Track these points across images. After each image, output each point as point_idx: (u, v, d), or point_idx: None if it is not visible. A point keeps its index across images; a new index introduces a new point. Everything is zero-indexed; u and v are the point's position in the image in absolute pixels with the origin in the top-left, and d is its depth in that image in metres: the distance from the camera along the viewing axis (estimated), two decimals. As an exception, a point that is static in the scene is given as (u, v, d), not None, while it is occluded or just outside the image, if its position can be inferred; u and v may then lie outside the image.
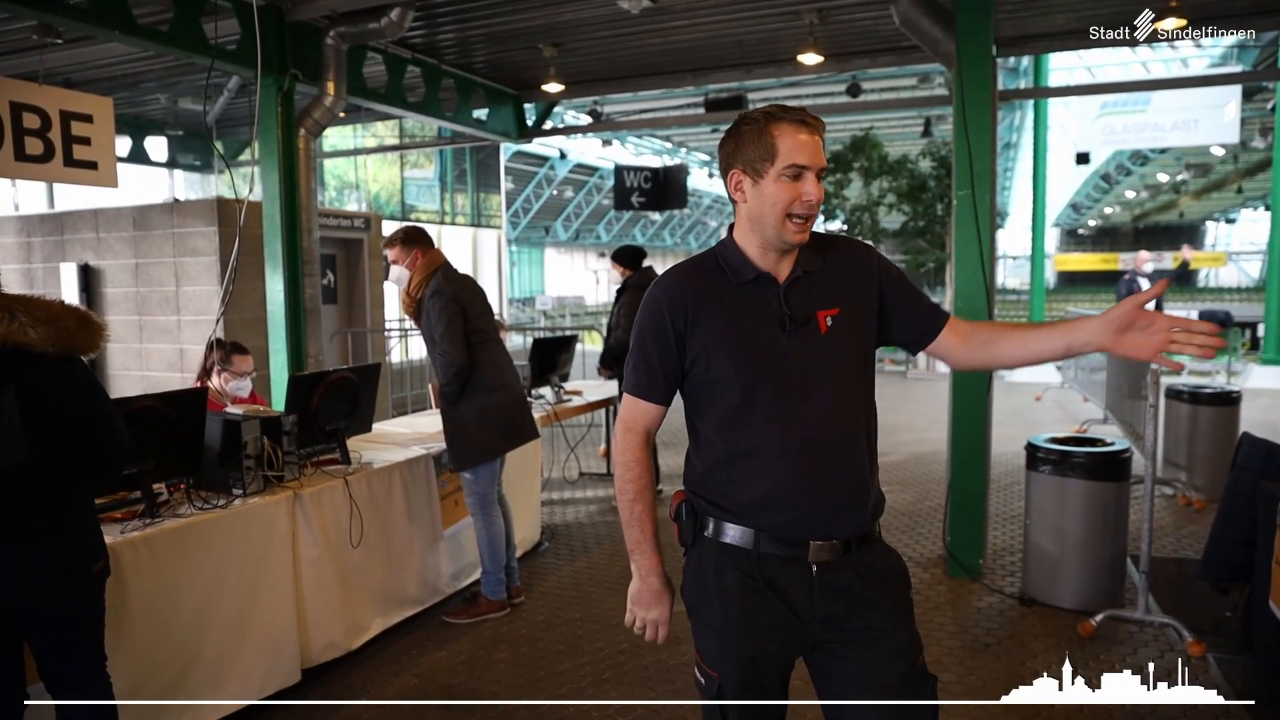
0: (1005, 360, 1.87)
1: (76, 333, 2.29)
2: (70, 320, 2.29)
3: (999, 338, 1.87)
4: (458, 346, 3.93)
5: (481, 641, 4.04)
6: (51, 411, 2.27)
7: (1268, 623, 3.27)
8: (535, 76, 8.70)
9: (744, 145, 1.76)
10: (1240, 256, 39.61)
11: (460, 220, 18.68)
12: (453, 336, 3.93)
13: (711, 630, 1.85)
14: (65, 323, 2.27)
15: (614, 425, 2.07)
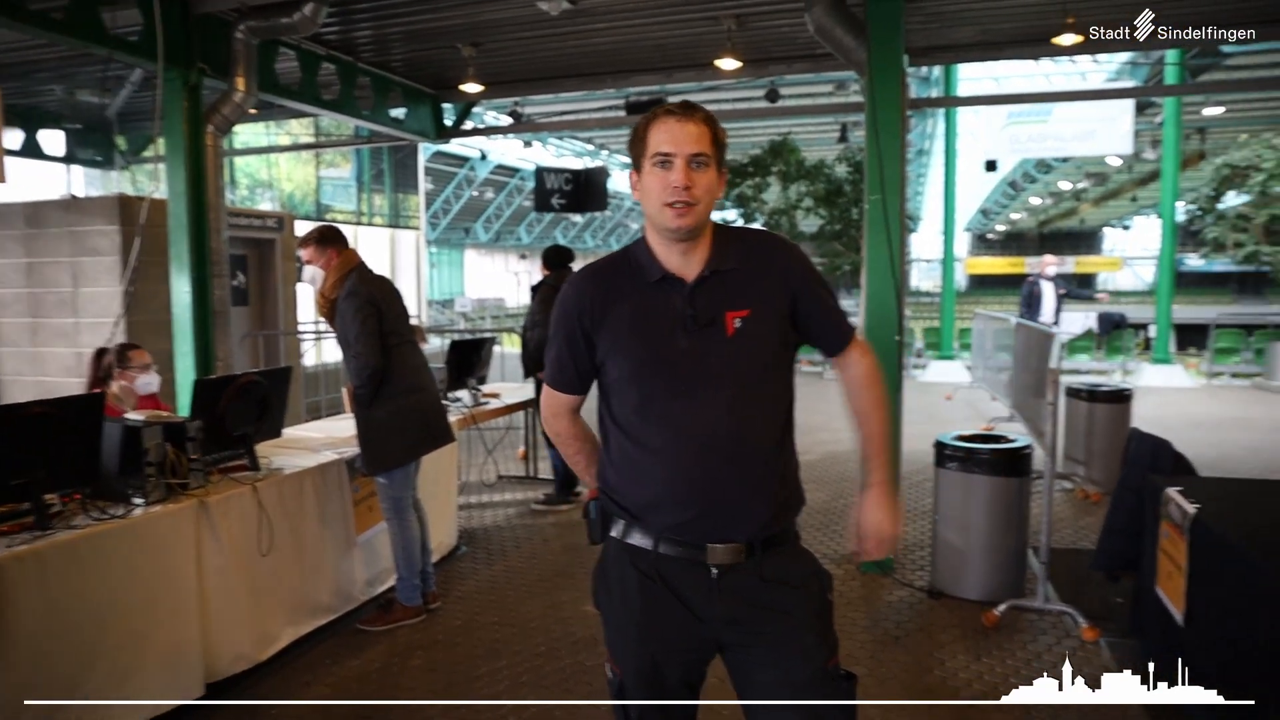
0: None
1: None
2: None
3: (851, 401, 1.96)
4: (372, 349, 3.86)
5: (397, 648, 3.97)
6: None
7: (1153, 607, 3.44)
8: (454, 76, 8.61)
9: (633, 144, 1.80)
10: (1135, 261, 41.55)
11: (378, 221, 18.36)
12: (367, 338, 3.86)
13: (615, 628, 1.88)
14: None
15: (539, 419, 2.10)
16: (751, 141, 21.06)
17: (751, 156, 16.38)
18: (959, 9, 7.06)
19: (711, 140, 1.75)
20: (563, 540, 5.49)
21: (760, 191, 16.36)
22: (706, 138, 1.74)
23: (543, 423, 2.07)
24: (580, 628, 4.08)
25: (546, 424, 2.04)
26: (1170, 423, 9.08)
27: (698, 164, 1.73)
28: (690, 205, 1.73)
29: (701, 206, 1.75)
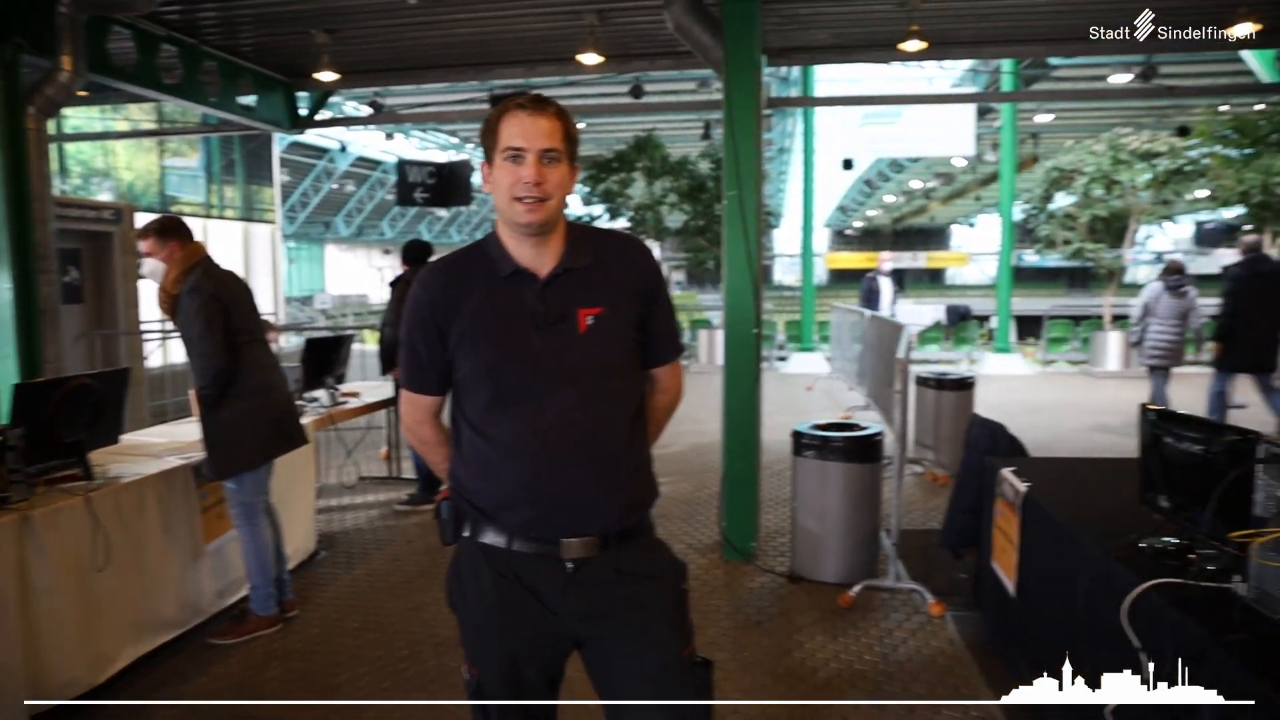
0: None
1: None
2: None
3: (650, 413, 1.97)
4: (217, 347, 3.67)
5: (252, 661, 3.80)
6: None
7: (990, 581, 3.68)
8: (308, 64, 8.27)
9: (484, 137, 1.77)
10: (980, 256, 44.15)
11: (229, 214, 17.47)
12: (211, 337, 3.66)
13: (471, 628, 1.86)
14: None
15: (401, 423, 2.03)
16: (616, 137, 21.17)
17: (616, 152, 16.47)
18: (813, 12, 7.32)
19: (563, 135, 1.74)
20: (426, 540, 5.38)
21: (625, 187, 16.47)
22: (558, 133, 1.73)
23: (404, 431, 2.01)
24: (444, 628, 4.01)
25: (408, 431, 1.98)
26: (1009, 408, 9.70)
27: (549, 159, 1.72)
28: (541, 201, 1.72)
29: (553, 202, 1.74)
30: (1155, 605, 2.14)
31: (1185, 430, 2.43)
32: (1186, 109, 19.43)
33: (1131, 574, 2.30)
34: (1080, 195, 14.35)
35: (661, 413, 2.02)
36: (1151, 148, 13.86)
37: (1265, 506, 1.94)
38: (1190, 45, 8.34)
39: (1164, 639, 2.06)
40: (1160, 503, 2.57)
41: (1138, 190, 14.03)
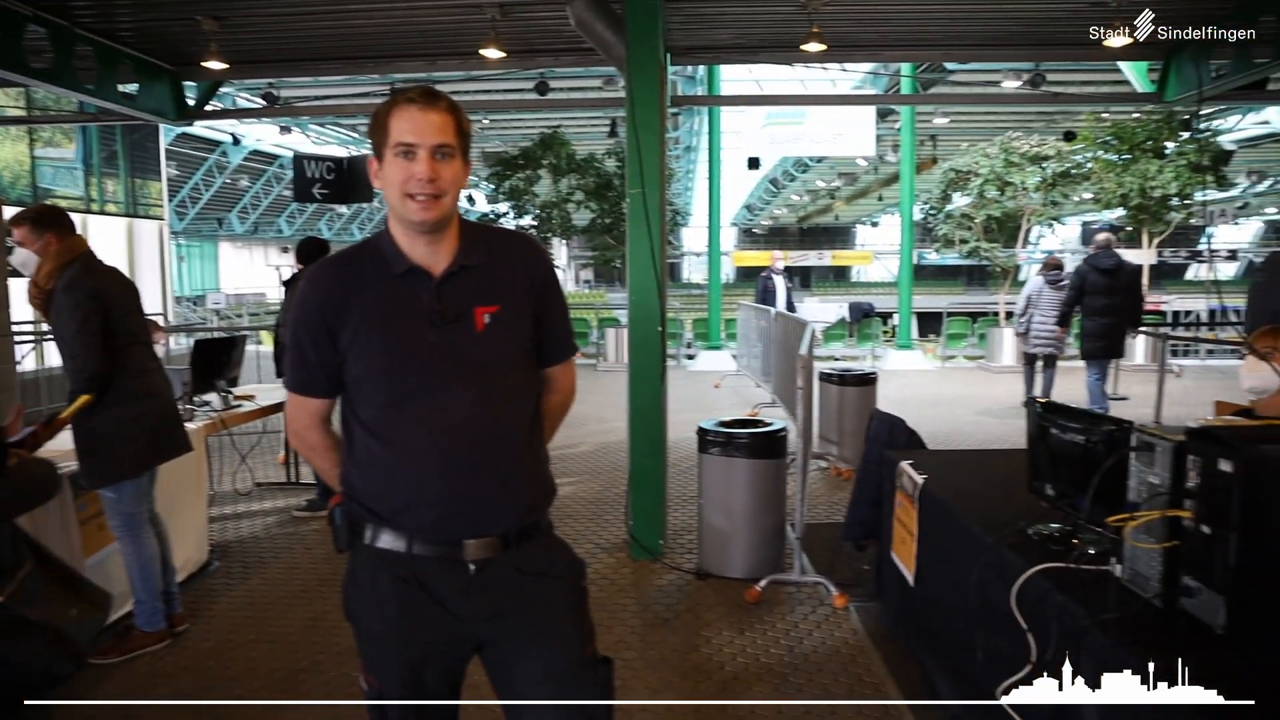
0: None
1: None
2: None
3: (545, 412, 1.93)
4: (92, 350, 3.45)
5: (136, 680, 3.60)
6: None
7: (891, 571, 3.77)
8: (195, 52, 7.94)
9: (373, 131, 1.72)
10: (883, 255, 45.47)
11: (112, 209, 16.62)
12: (86, 339, 3.45)
13: (370, 638, 1.81)
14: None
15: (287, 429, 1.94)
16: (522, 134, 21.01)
17: (522, 149, 16.34)
18: (716, 12, 7.39)
19: (456, 130, 1.69)
20: (326, 547, 5.21)
21: (531, 184, 16.36)
22: (451, 127, 1.68)
23: (290, 436, 1.94)
24: (346, 638, 3.83)
25: (295, 437, 1.91)
26: (910, 402, 10.02)
27: (442, 154, 1.67)
28: (436, 198, 1.67)
29: (447, 199, 1.70)
30: (1041, 589, 2.22)
31: (1067, 421, 2.52)
32: (1072, 115, 20.43)
33: (1019, 560, 2.38)
34: (975, 196, 14.91)
35: (555, 412, 1.99)
36: (1041, 151, 14.50)
37: (1138, 492, 2.03)
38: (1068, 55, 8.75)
39: (1049, 620, 2.14)
40: (1046, 491, 2.66)
41: (1029, 191, 14.66)
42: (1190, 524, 1.83)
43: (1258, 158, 31.10)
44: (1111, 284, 7.96)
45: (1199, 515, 1.81)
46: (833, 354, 15.79)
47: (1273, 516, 1.71)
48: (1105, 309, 7.98)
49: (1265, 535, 1.71)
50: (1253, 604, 1.73)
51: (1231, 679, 1.57)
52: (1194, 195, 14.13)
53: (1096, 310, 8.00)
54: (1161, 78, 9.53)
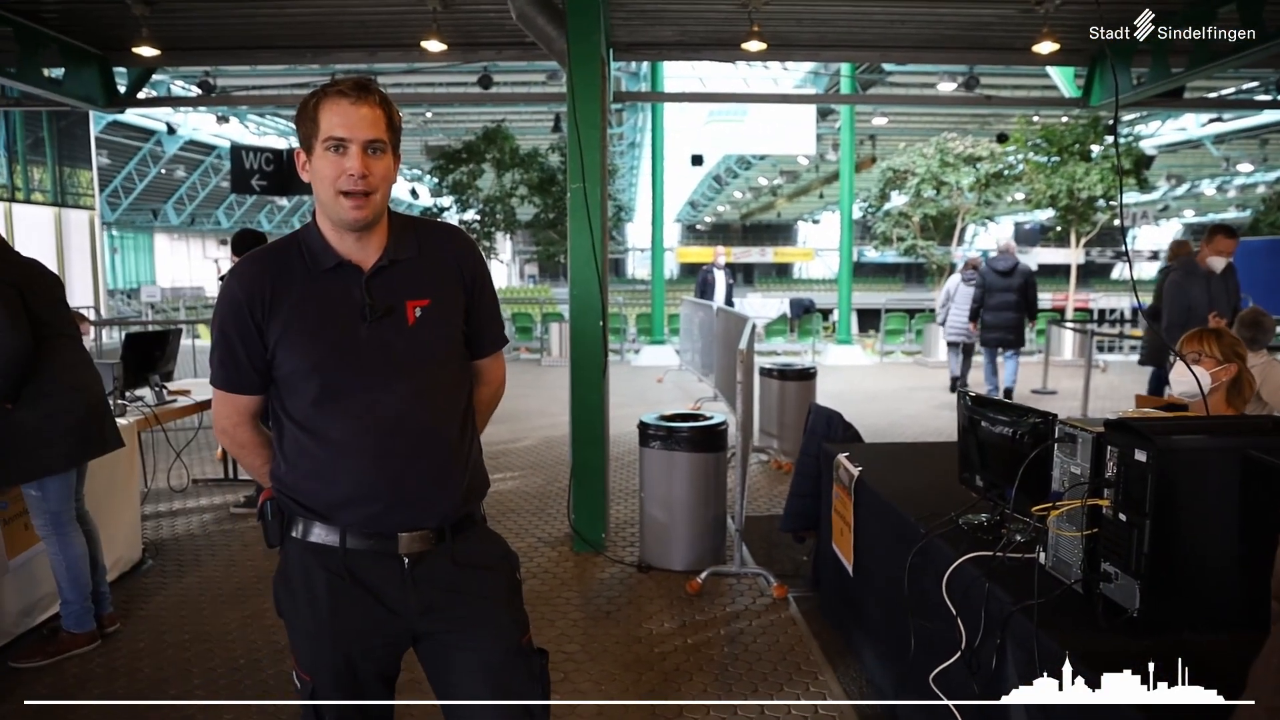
0: None
1: None
2: None
3: (476, 404, 1.94)
4: (17, 332, 3.32)
5: (64, 683, 3.50)
6: None
7: (829, 561, 3.85)
8: (125, 37, 7.70)
9: (301, 123, 1.69)
10: (824, 252, 46.07)
11: (39, 198, 16.05)
12: (14, 320, 3.32)
13: (302, 634, 1.80)
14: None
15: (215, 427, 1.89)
16: (465, 127, 20.81)
17: (465, 143, 16.19)
18: (658, 8, 7.43)
19: (387, 124, 1.68)
20: (264, 544, 5.12)
21: (475, 179, 16.23)
22: (382, 121, 1.66)
23: (217, 434, 1.89)
24: (283, 634, 3.81)
25: (223, 435, 1.86)
26: (848, 396, 10.21)
27: (374, 150, 1.66)
28: (368, 194, 1.66)
29: (379, 195, 1.68)
30: (970, 576, 2.30)
31: (995, 414, 2.61)
32: (1005, 118, 20.96)
33: (950, 549, 2.46)
34: (912, 195, 15.23)
35: (486, 405, 2.00)
36: (975, 152, 14.88)
37: (1061, 481, 2.12)
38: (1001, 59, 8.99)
39: (977, 607, 2.22)
40: (976, 481, 2.75)
41: (963, 191, 15.03)
42: (1109, 512, 1.92)
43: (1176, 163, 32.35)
44: (1007, 283, 9.36)
45: (1116, 504, 1.89)
46: (774, 349, 15.98)
47: (1183, 504, 1.80)
48: (1000, 304, 9.40)
49: (1176, 522, 1.80)
50: (1165, 587, 1.82)
51: (1141, 659, 1.65)
52: (1118, 197, 14.64)
53: (993, 305, 9.44)
54: (1087, 84, 9.86)
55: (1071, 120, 14.76)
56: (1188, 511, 1.81)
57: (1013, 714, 1.97)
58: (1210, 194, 37.38)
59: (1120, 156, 9.31)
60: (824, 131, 20.59)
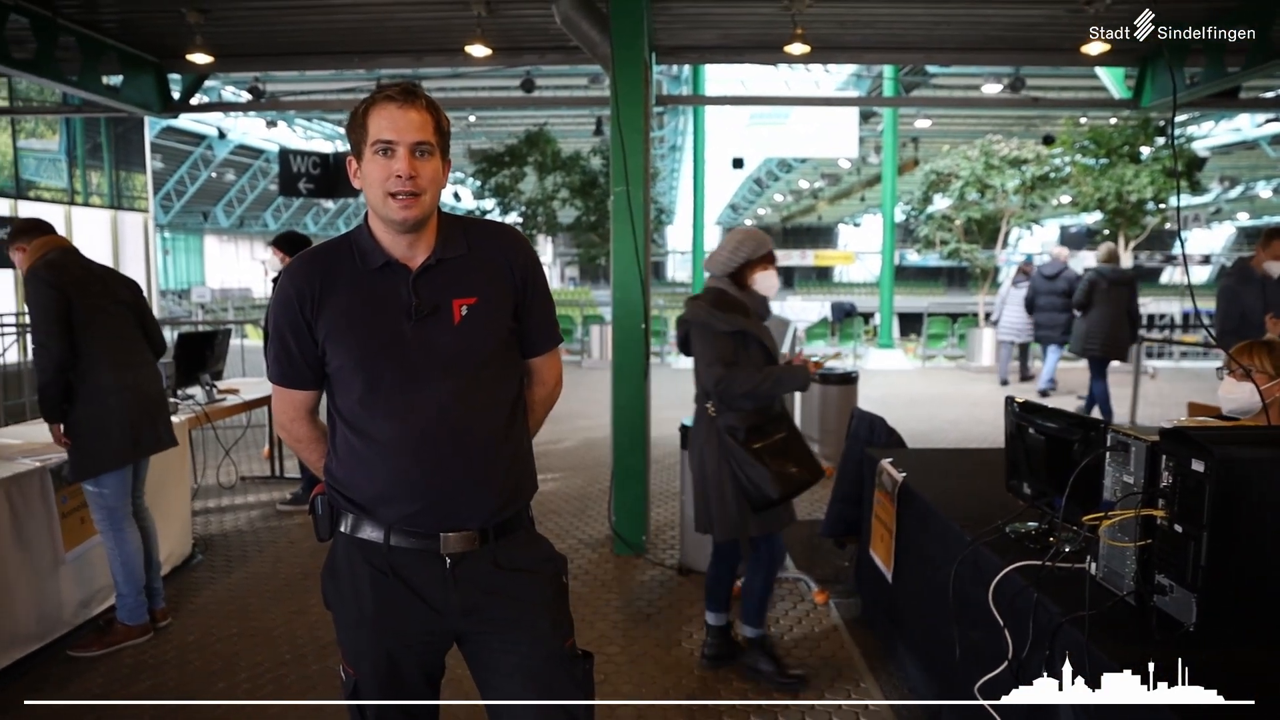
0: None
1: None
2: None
3: (530, 406, 1.96)
4: (55, 340, 3.46)
5: (118, 674, 3.60)
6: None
7: (869, 567, 3.82)
8: (180, 44, 7.89)
9: (351, 129, 1.72)
10: (865, 255, 45.66)
11: (96, 201, 16.44)
12: (48, 328, 3.46)
13: (348, 627, 1.82)
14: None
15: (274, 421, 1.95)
16: (508, 131, 20.96)
17: (507, 146, 16.31)
18: (701, 12, 7.42)
19: (435, 128, 1.70)
20: (311, 541, 5.21)
21: (517, 182, 16.33)
22: (430, 125, 1.69)
23: (277, 428, 1.94)
24: (329, 630, 3.84)
25: (282, 429, 1.92)
26: (889, 401, 10.09)
27: (421, 152, 1.68)
28: (415, 195, 1.68)
29: (427, 197, 1.70)
30: (1017, 586, 2.27)
31: (1044, 421, 2.57)
32: (1051, 120, 20.62)
33: (996, 557, 2.43)
34: (956, 198, 15.01)
35: (540, 404, 2.00)
36: (1020, 155, 14.61)
37: (1113, 491, 2.08)
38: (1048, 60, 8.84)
39: (1025, 618, 2.18)
40: (1024, 489, 2.71)
41: (1008, 194, 14.78)
42: (1163, 523, 1.88)
43: (1230, 164, 31.55)
44: (1052, 285, 10.22)
45: (1172, 515, 1.85)
46: (813, 352, 15.85)
47: (1242, 516, 1.76)
48: (1047, 305, 10.28)
49: (1235, 534, 1.76)
50: (1222, 601, 1.78)
51: (1203, 675, 1.62)
52: (1169, 200, 14.30)
53: (1042, 306, 10.36)
54: (1138, 85, 9.66)
55: (1121, 121, 14.47)
56: (1247, 524, 1.76)
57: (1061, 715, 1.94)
58: (1266, 196, 36.43)
59: (1176, 158, 9.12)
60: (866, 134, 20.44)
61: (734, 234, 3.36)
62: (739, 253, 3.28)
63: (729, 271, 3.30)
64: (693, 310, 3.30)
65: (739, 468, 3.27)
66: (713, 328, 3.21)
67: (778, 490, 3.23)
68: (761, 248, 3.29)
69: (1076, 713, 1.83)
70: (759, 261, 3.29)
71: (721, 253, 3.31)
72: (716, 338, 3.22)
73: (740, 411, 3.30)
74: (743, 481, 3.27)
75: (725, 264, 3.30)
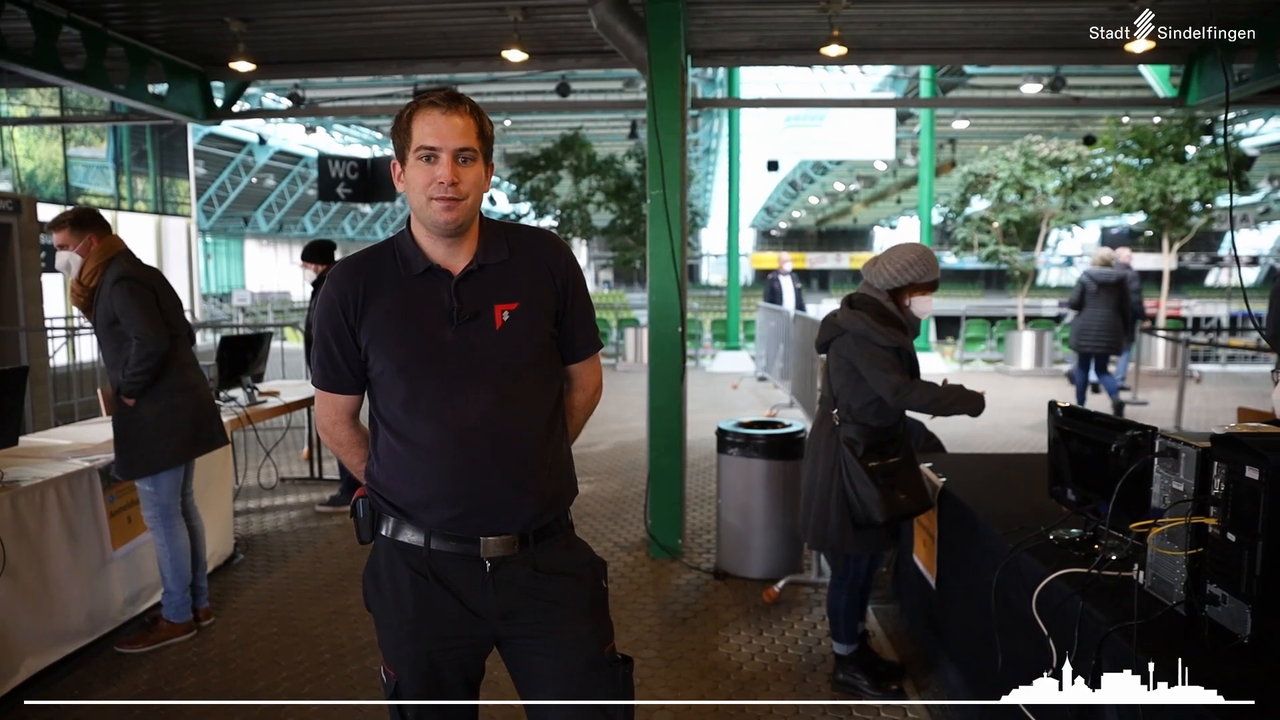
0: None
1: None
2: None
3: (569, 410, 1.96)
4: (158, 330, 3.58)
5: (163, 670, 3.67)
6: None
7: (910, 573, 3.78)
8: (223, 52, 8.04)
9: (396, 135, 1.73)
10: (901, 258, 45.08)
11: (141, 206, 16.82)
12: (149, 319, 3.57)
13: (388, 629, 1.83)
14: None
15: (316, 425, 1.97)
16: (543, 135, 21.06)
17: (543, 150, 16.39)
18: (737, 15, 7.40)
19: (478, 133, 1.71)
20: (349, 542, 5.27)
21: (552, 185, 16.41)
22: (473, 130, 1.69)
23: (320, 432, 1.96)
24: (367, 631, 3.94)
25: (324, 433, 1.94)
26: (927, 405, 9.97)
27: (464, 158, 1.69)
28: (457, 200, 1.68)
29: (469, 201, 1.71)
30: (1062, 594, 2.23)
31: (1089, 426, 2.53)
32: (1092, 120, 20.29)
33: (1040, 565, 2.39)
34: (994, 200, 14.81)
35: (580, 409, 2.00)
36: (1060, 155, 14.38)
37: (1161, 498, 2.04)
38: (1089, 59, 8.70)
39: (1070, 626, 2.14)
40: (1067, 495, 2.67)
41: (1048, 196, 14.56)
42: (1215, 531, 1.83)
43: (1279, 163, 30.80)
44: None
45: (1224, 523, 1.81)
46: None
47: (1298, 524, 1.71)
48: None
49: (1290, 543, 1.71)
50: (1278, 612, 1.74)
51: (1259, 688, 1.58)
52: (1215, 200, 13.99)
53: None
54: (1184, 82, 9.47)
55: (1165, 120, 14.19)
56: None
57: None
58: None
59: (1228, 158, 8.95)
60: (902, 135, 20.23)
61: (904, 250, 3.26)
62: (907, 273, 3.20)
63: (891, 288, 3.24)
64: (849, 319, 3.23)
65: (850, 482, 3.22)
66: (873, 340, 3.15)
67: (883, 514, 3.16)
68: (930, 274, 3.22)
69: (1121, 713, 1.80)
70: (924, 286, 3.24)
71: (888, 267, 3.23)
72: (880, 350, 3.17)
73: (864, 426, 3.25)
74: (850, 497, 3.22)
75: (890, 280, 3.22)
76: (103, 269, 3.61)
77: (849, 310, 3.27)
